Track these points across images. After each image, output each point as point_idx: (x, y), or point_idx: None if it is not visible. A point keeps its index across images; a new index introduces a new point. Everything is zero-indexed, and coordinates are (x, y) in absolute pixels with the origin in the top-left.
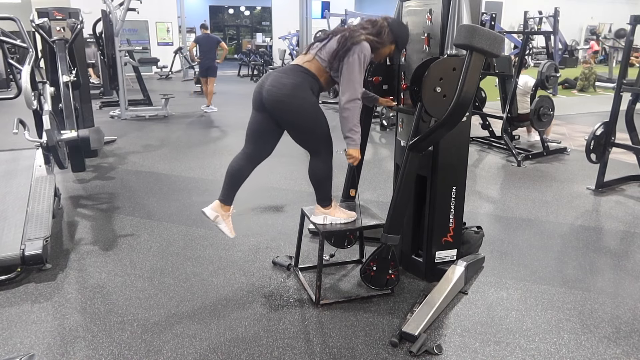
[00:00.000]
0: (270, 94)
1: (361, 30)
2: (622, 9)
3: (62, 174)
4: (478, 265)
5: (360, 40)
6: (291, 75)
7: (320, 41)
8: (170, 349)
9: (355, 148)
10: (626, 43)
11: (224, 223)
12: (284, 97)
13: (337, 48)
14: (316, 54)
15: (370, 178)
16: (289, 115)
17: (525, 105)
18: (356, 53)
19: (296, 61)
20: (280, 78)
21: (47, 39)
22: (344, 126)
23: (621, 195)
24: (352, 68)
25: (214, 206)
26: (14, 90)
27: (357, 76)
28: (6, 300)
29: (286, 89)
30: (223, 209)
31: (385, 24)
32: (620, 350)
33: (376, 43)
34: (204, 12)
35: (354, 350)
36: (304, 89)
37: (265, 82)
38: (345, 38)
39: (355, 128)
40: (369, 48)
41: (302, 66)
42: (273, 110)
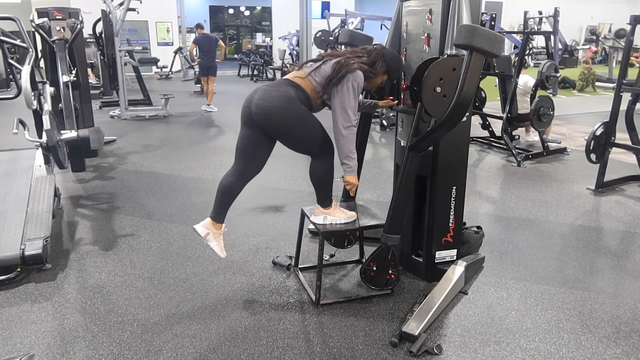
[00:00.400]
0: (259, 108)
1: (355, 59)
2: (622, 9)
3: (62, 174)
4: (478, 265)
5: (354, 68)
6: (281, 87)
7: (314, 61)
8: (170, 349)
9: (353, 174)
10: (626, 43)
11: (215, 241)
12: (273, 110)
13: (331, 75)
14: (310, 75)
15: (370, 178)
16: (280, 127)
17: (525, 105)
18: (350, 81)
19: (288, 76)
20: (269, 91)
21: (47, 39)
22: (340, 153)
23: (621, 195)
24: (346, 96)
25: (205, 223)
26: (14, 90)
27: (351, 104)
28: (6, 300)
29: (275, 101)
30: (214, 226)
31: (380, 55)
32: (620, 350)
33: (369, 72)
34: (204, 12)
35: (354, 350)
36: (293, 100)
37: (254, 97)
38: (340, 65)
39: (351, 155)
40: (362, 77)
41: (292, 81)
42: (263, 124)
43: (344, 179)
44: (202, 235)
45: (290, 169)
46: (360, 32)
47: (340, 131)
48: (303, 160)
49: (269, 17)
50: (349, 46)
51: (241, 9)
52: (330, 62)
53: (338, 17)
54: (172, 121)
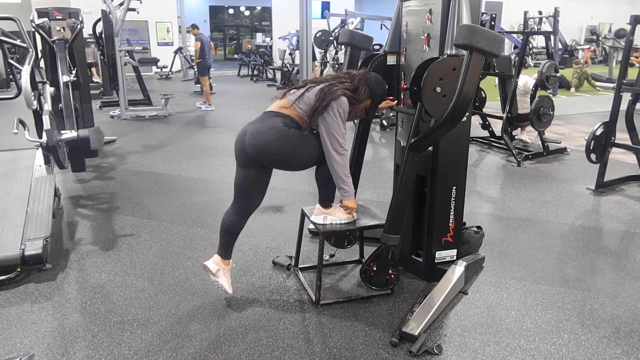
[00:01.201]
0: (253, 148)
1: (338, 85)
2: (622, 9)
3: (62, 174)
4: (478, 265)
5: (338, 95)
6: (266, 121)
7: (297, 89)
8: (170, 349)
9: (350, 199)
10: (626, 43)
11: (224, 277)
12: (267, 144)
13: (315, 104)
14: (294, 103)
15: (370, 178)
16: (279, 158)
17: (525, 105)
18: (335, 109)
19: (271, 108)
20: (258, 129)
21: (47, 39)
22: (337, 178)
23: (621, 195)
24: (333, 124)
25: (215, 260)
26: (14, 90)
27: (339, 130)
28: (6, 300)
29: (266, 137)
30: (224, 262)
31: (363, 80)
32: (620, 350)
33: (353, 99)
34: (204, 12)
35: (354, 350)
36: (281, 128)
37: (245, 138)
38: (324, 93)
39: (346, 179)
40: (347, 103)
41: (277, 111)
42: (262, 160)
43: (343, 204)
44: (213, 272)
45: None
46: (360, 32)
47: (333, 157)
48: None
49: (269, 17)
50: (349, 46)
51: (241, 9)
52: (314, 90)
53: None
54: (172, 121)
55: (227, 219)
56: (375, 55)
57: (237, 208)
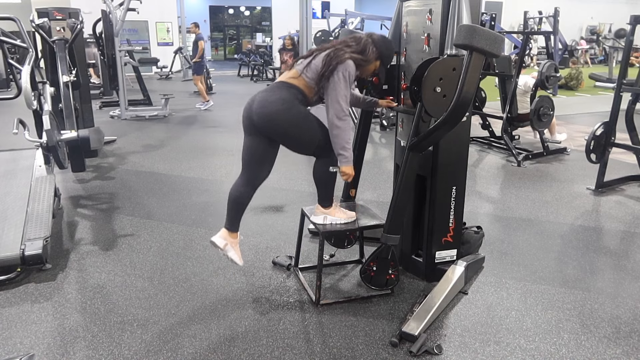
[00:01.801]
0: (259, 116)
1: (345, 49)
2: (622, 9)
3: (62, 174)
4: (478, 265)
5: (344, 59)
6: (276, 91)
7: (304, 58)
8: (170, 349)
9: (348, 165)
10: (626, 43)
11: (233, 250)
12: (273, 114)
13: (322, 69)
14: (302, 72)
15: (370, 178)
16: (282, 130)
17: (525, 105)
18: (341, 72)
19: (281, 78)
20: (267, 97)
21: (47, 39)
22: (336, 144)
23: (621, 195)
24: (338, 87)
25: (221, 234)
26: (14, 90)
27: (343, 94)
28: (6, 300)
29: (273, 106)
30: (231, 236)
31: (369, 41)
32: (620, 350)
33: (361, 61)
34: (204, 12)
35: (354, 350)
36: (290, 101)
37: (253, 106)
38: (330, 57)
39: (347, 145)
40: (354, 66)
41: (286, 82)
42: (266, 130)
43: (340, 169)
44: (221, 247)
45: (291, 169)
46: (360, 31)
47: (334, 123)
48: (303, 160)
49: (269, 17)
50: None
51: (241, 9)
52: (321, 56)
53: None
54: (172, 121)
55: (235, 189)
56: None
57: (245, 178)
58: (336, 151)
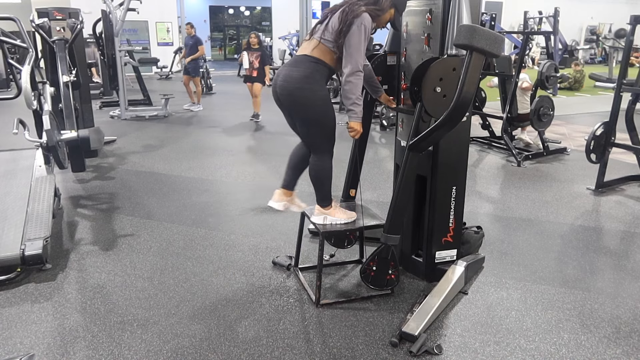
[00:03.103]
0: (282, 89)
1: (359, 2)
2: (622, 9)
3: (62, 174)
4: (478, 265)
5: (360, 12)
6: (301, 67)
7: (320, 22)
8: (170, 349)
9: (357, 121)
10: (626, 43)
11: (295, 205)
12: (294, 90)
13: (340, 26)
14: (321, 38)
15: (370, 178)
16: (299, 107)
17: (525, 105)
18: (356, 25)
19: (303, 50)
20: (291, 72)
21: (47, 39)
22: (346, 99)
23: (621, 195)
24: (353, 41)
25: (277, 197)
26: (14, 90)
27: (358, 48)
28: (6, 300)
29: (296, 82)
30: (287, 194)
31: None
32: (620, 350)
33: (376, 11)
34: (204, 12)
35: (354, 350)
36: (315, 80)
37: (278, 80)
38: (346, 13)
39: (357, 101)
40: (370, 18)
41: (310, 55)
42: (286, 104)
43: (348, 124)
44: (281, 210)
45: None
46: None
47: (347, 78)
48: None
49: (269, 17)
50: None
51: (241, 9)
52: (336, 15)
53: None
54: (172, 121)
55: (297, 149)
56: (375, 55)
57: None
58: (346, 106)
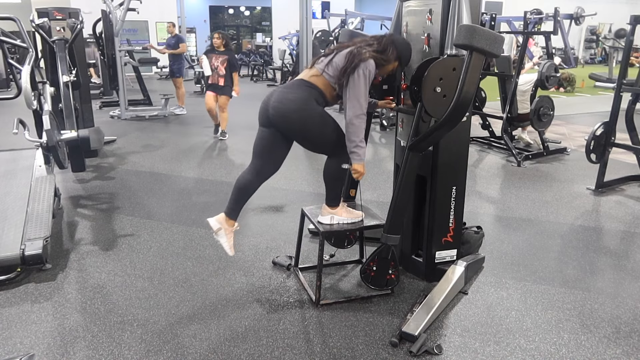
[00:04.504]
0: (276, 110)
1: (367, 47)
2: (622, 9)
3: (62, 174)
4: (478, 265)
5: (366, 57)
6: (296, 90)
7: (325, 56)
8: (170, 349)
9: (361, 163)
10: (626, 43)
11: (225, 237)
12: (289, 112)
13: (344, 65)
14: (324, 70)
15: (370, 178)
16: (298, 129)
17: (525, 105)
18: (361, 69)
19: (301, 76)
20: (285, 94)
21: (47, 39)
22: (350, 142)
23: (621, 195)
24: (357, 84)
25: (218, 218)
26: (14, 90)
27: (362, 92)
28: (6, 300)
29: (291, 104)
30: (227, 222)
31: (390, 41)
32: (620, 350)
33: (381, 60)
34: (204, 12)
35: (354, 350)
36: (309, 101)
37: (271, 99)
38: (353, 55)
39: (361, 144)
40: (374, 65)
41: (307, 81)
42: (281, 126)
43: (352, 167)
44: (214, 229)
45: (291, 169)
46: (360, 32)
47: (351, 120)
48: (303, 160)
49: (269, 17)
50: None
51: (241, 9)
52: (342, 53)
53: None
54: (172, 121)
55: (243, 177)
56: None
57: (254, 168)
58: (349, 149)
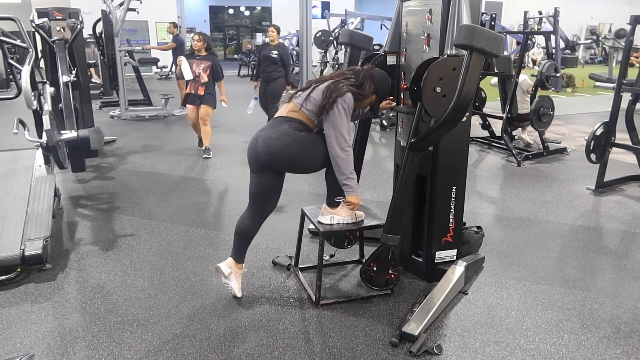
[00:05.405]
0: (266, 154)
1: (344, 81)
2: (622, 9)
3: (62, 174)
4: (478, 265)
5: (344, 92)
6: (277, 127)
7: (302, 90)
8: (170, 349)
9: (354, 195)
10: (626, 43)
11: (235, 281)
12: (279, 151)
13: (323, 102)
14: (302, 106)
15: (370, 178)
16: (290, 162)
17: (525, 105)
18: (340, 104)
19: (280, 113)
20: (269, 135)
21: (47, 39)
22: (340, 175)
23: (621, 195)
24: (338, 119)
25: (228, 263)
26: (14, 90)
27: (344, 125)
28: (6, 300)
29: (278, 142)
30: (237, 266)
31: (367, 75)
32: (620, 350)
33: (358, 95)
34: (204, 12)
35: (354, 350)
36: (291, 134)
37: (257, 146)
38: (331, 90)
39: (351, 175)
40: (352, 98)
41: (286, 116)
42: (275, 165)
43: (346, 199)
44: (225, 274)
45: None
46: (360, 32)
47: (337, 154)
48: None
49: (269, 17)
50: (349, 46)
51: (241, 9)
52: (319, 89)
53: (338, 17)
54: (172, 121)
55: (242, 223)
56: (375, 55)
57: (252, 212)
58: (341, 182)
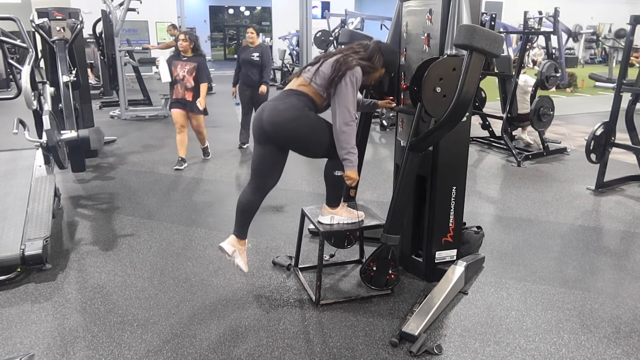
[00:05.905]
0: (271, 124)
1: (353, 55)
2: (622, 9)
3: (62, 174)
4: (478, 265)
5: (353, 65)
6: (285, 99)
7: (312, 65)
8: (170, 349)
9: (353, 169)
10: (626, 43)
11: (240, 257)
12: (285, 123)
13: (332, 74)
14: (311, 80)
15: (370, 178)
16: (295, 137)
17: (525, 105)
18: (348, 77)
19: (290, 86)
20: (276, 106)
21: (47, 39)
22: (341, 149)
23: (621, 195)
24: (345, 92)
25: (230, 241)
26: (14, 90)
27: (350, 99)
28: (6, 300)
29: (285, 114)
30: (239, 243)
31: (376, 49)
32: (620, 350)
33: (368, 67)
34: (204, 12)
35: (354, 350)
36: (301, 108)
37: (263, 115)
38: (340, 63)
39: (352, 150)
40: (361, 72)
41: (295, 89)
42: (279, 138)
43: (345, 173)
44: (229, 253)
45: (291, 169)
46: (360, 32)
47: (340, 127)
48: (303, 160)
49: (269, 17)
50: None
51: (241, 9)
52: (329, 62)
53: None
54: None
55: (244, 197)
56: None
57: (254, 187)
58: (341, 156)
